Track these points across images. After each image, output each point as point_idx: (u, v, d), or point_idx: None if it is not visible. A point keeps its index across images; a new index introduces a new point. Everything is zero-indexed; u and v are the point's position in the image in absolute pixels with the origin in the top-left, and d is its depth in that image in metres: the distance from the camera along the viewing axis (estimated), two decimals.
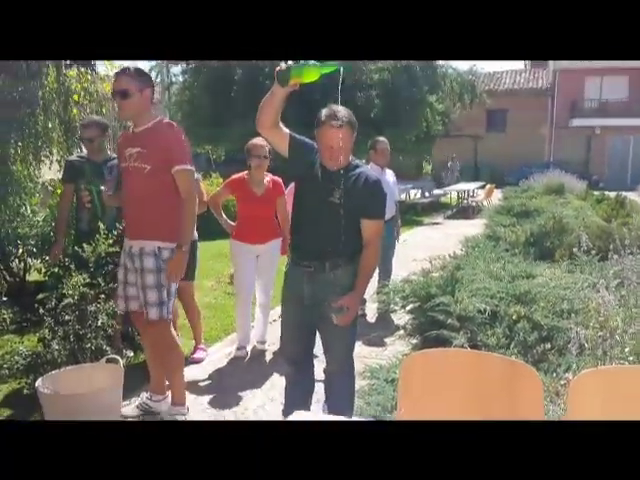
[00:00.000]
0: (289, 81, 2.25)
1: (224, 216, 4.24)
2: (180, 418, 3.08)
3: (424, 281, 3.23)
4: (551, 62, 26.93)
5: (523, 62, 32.07)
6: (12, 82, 4.67)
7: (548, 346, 3.05)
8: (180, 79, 16.00)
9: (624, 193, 10.99)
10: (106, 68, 5.61)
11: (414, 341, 3.12)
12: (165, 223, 2.90)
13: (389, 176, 5.14)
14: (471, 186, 15.82)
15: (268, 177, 4.16)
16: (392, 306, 4.43)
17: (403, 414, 1.72)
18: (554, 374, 2.84)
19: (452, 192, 15.67)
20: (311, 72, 2.24)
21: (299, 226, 2.62)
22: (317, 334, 2.68)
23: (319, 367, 2.82)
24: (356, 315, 2.50)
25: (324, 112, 2.46)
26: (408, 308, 3.26)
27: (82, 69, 5.38)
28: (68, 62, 5.23)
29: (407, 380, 1.72)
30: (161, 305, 2.95)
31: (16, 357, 2.98)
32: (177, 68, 15.32)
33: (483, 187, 15.96)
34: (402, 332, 3.23)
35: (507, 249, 5.67)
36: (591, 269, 4.44)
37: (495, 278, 3.91)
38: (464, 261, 4.62)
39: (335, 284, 2.51)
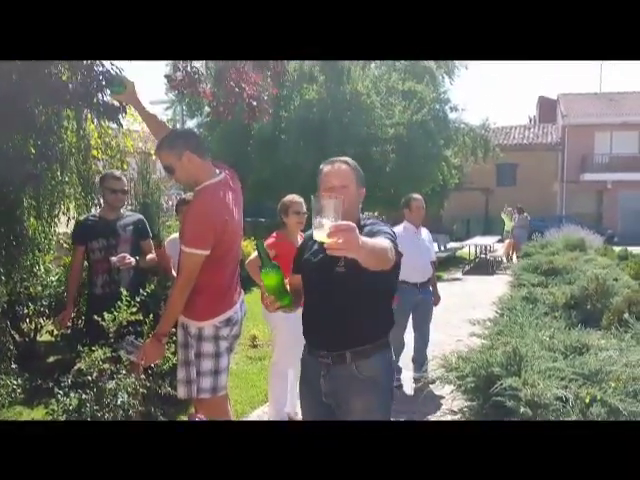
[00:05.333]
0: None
1: None
2: None
3: (484, 359, 2.90)
4: (560, 118, 27.21)
5: (529, 118, 32.44)
6: (30, 136, 4.51)
7: None
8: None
9: None
10: (127, 121, 5.45)
11: None
12: (190, 299, 2.66)
13: (424, 235, 4.87)
14: (488, 240, 15.56)
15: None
16: (431, 377, 4.07)
17: None
18: None
19: (469, 246, 15.40)
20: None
21: (308, 307, 2.22)
22: None
23: None
24: (387, 402, 2.12)
25: (324, 162, 2.19)
26: (462, 388, 2.92)
27: (103, 123, 5.22)
28: (88, 114, 5.05)
29: None
30: (188, 383, 2.71)
31: None
32: (193, 122, 15.42)
33: (500, 241, 15.69)
34: (458, 416, 2.87)
35: (546, 312, 5.32)
36: None
37: (548, 349, 3.56)
38: (507, 328, 4.27)
39: (359, 379, 2.06)
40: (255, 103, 4.63)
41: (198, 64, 5.15)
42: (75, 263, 3.79)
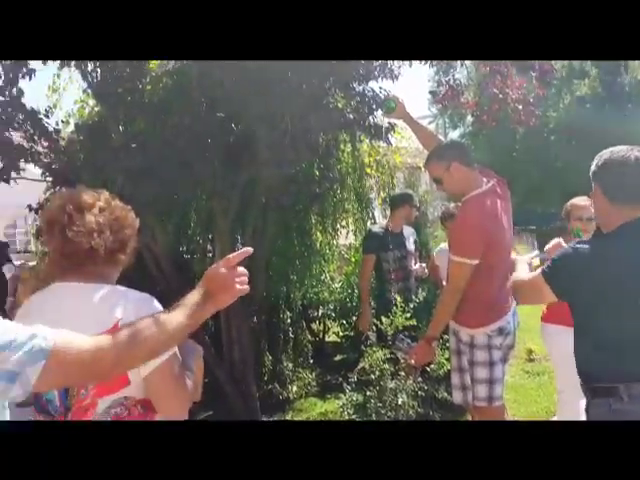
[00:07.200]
0: None
1: None
2: None
3: None
4: None
5: None
6: (314, 160, 5.12)
7: None
8: None
9: None
10: (395, 139, 5.79)
11: None
12: (461, 306, 2.70)
13: None
14: None
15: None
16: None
17: None
18: None
19: None
20: None
21: None
22: None
23: None
24: None
25: None
26: None
27: (374, 142, 5.65)
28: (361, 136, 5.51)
29: None
30: (463, 390, 2.76)
31: None
32: (455, 133, 15.51)
33: None
34: None
35: None
36: None
37: None
38: None
39: None
40: (521, 107, 4.49)
41: (461, 76, 5.22)
42: (367, 271, 4.20)
